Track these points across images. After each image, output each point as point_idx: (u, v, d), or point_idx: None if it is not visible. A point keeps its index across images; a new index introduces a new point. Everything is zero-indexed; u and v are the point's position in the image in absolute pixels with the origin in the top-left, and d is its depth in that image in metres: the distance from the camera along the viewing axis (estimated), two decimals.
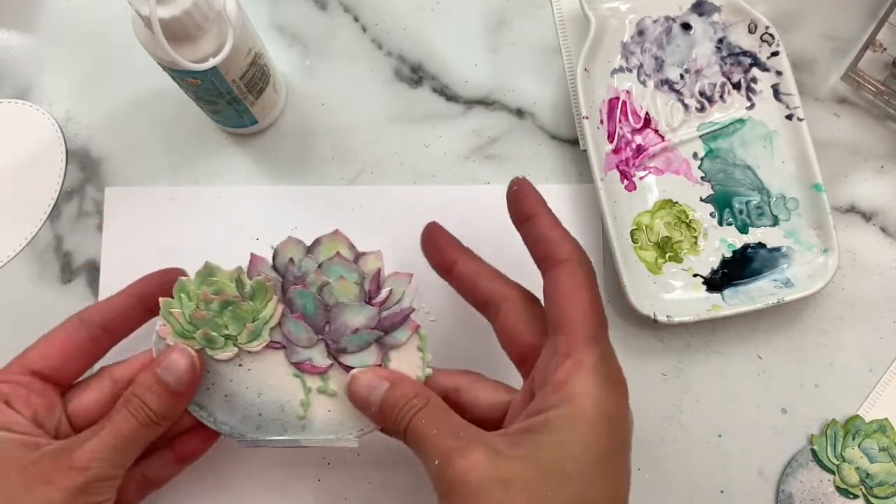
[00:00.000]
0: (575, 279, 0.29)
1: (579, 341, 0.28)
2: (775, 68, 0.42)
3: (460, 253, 0.33)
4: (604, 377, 0.28)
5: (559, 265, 0.30)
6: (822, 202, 0.40)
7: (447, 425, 0.29)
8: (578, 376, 0.27)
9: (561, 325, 0.29)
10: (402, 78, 0.44)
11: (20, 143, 0.42)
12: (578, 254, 0.30)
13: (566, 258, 0.30)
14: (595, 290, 0.30)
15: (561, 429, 0.27)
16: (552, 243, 0.30)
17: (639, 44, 0.42)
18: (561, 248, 0.30)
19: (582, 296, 0.29)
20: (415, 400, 0.29)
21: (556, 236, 0.30)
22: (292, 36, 0.44)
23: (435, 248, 0.34)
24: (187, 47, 0.33)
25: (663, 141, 0.42)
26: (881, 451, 0.39)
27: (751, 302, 0.39)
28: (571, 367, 0.28)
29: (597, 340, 0.29)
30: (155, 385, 0.30)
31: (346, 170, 0.42)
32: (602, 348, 0.29)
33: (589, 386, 0.27)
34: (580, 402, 0.27)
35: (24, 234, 0.41)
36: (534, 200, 0.31)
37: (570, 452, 0.27)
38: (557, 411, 0.27)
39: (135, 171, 0.42)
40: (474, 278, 0.32)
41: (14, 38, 0.44)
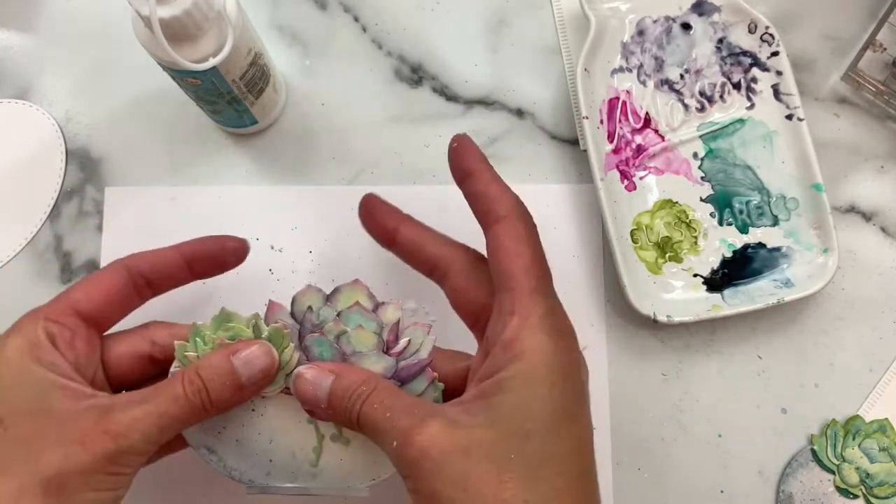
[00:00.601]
0: (515, 234, 0.29)
1: (523, 296, 0.28)
2: (775, 68, 0.42)
3: (401, 220, 0.32)
4: (551, 330, 0.27)
5: (498, 222, 0.29)
6: (822, 202, 0.40)
7: (399, 405, 0.28)
8: (525, 332, 0.27)
9: (504, 282, 0.28)
10: (402, 78, 0.44)
11: (20, 143, 0.42)
12: (518, 209, 0.29)
13: (504, 214, 0.29)
14: (536, 243, 0.29)
15: (514, 388, 0.27)
16: (491, 200, 0.30)
17: (639, 44, 0.42)
18: (499, 204, 0.29)
19: (522, 250, 0.28)
20: (362, 387, 0.28)
21: (495, 192, 0.30)
22: (292, 36, 0.44)
23: (373, 219, 0.33)
24: (187, 47, 0.33)
25: (663, 141, 0.42)
26: (881, 451, 0.39)
27: (751, 302, 0.39)
28: (517, 324, 0.27)
29: (541, 293, 0.28)
30: (226, 375, 0.29)
31: (346, 170, 0.42)
32: (547, 301, 0.28)
33: (537, 341, 0.27)
34: (530, 359, 0.27)
35: (24, 234, 0.41)
36: (473, 157, 0.31)
37: (526, 411, 0.26)
38: (509, 371, 0.27)
39: (135, 171, 0.42)
40: (419, 244, 0.32)
41: (14, 38, 0.44)
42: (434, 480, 0.26)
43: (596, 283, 0.41)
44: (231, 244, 0.33)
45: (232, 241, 0.33)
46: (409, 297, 0.40)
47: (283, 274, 0.40)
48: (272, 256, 0.41)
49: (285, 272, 0.41)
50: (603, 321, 0.40)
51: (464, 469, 0.25)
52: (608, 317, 0.40)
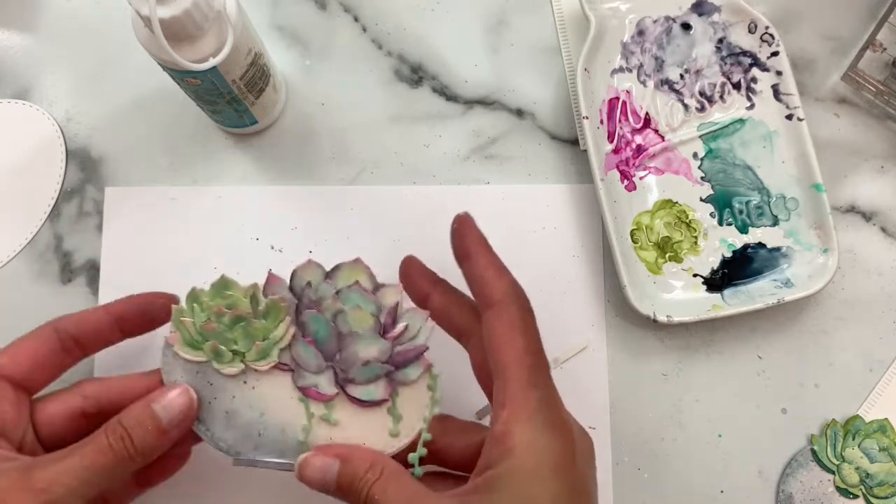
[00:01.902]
0: (507, 321, 0.28)
1: (514, 389, 0.27)
2: (775, 68, 0.42)
3: (434, 286, 0.32)
4: (543, 424, 0.27)
5: (491, 308, 0.29)
6: (822, 202, 0.40)
7: (400, 495, 0.28)
8: (515, 427, 0.27)
9: (497, 372, 0.28)
10: (402, 78, 0.44)
11: (20, 143, 0.42)
12: (512, 293, 0.29)
13: (498, 299, 0.29)
14: (531, 329, 0.29)
15: (505, 487, 0.26)
16: (486, 284, 0.29)
17: (639, 44, 0.42)
18: (493, 289, 0.29)
19: (515, 338, 0.28)
20: (368, 474, 0.28)
21: (490, 276, 0.30)
22: (292, 36, 0.44)
23: (408, 281, 0.33)
24: (187, 47, 0.33)
25: (663, 141, 0.42)
26: (881, 451, 0.39)
27: (751, 302, 0.39)
28: (507, 418, 0.27)
29: (532, 385, 0.28)
30: (147, 420, 0.29)
31: (346, 170, 0.42)
32: (540, 393, 0.28)
33: (527, 436, 0.27)
34: (519, 455, 0.26)
35: (24, 234, 0.41)
36: (472, 239, 0.31)
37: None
38: (500, 467, 0.27)
39: (135, 171, 0.42)
40: (447, 313, 0.32)
41: (14, 38, 0.44)
42: None
43: (596, 283, 0.41)
44: (160, 300, 0.33)
45: (161, 297, 0.33)
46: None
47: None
48: (272, 256, 0.41)
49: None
50: (603, 321, 0.40)
51: None
52: (608, 317, 0.40)
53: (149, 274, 0.40)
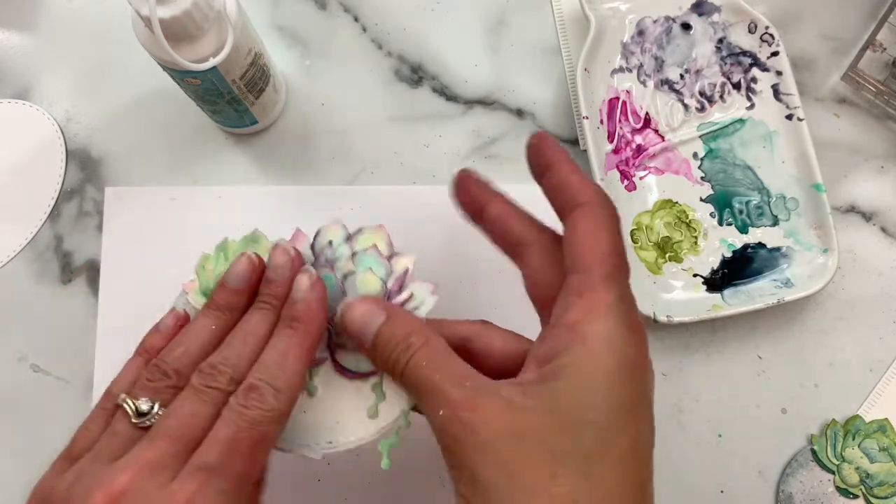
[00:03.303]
0: (594, 221, 0.27)
1: (594, 280, 0.25)
2: (775, 68, 0.42)
3: (492, 196, 0.31)
4: (621, 320, 0.25)
5: (578, 208, 0.27)
6: (822, 202, 0.40)
7: (451, 370, 0.26)
8: (592, 316, 0.25)
9: (576, 265, 0.26)
10: (402, 78, 0.44)
11: (20, 143, 0.42)
12: (601, 197, 0.28)
13: (586, 200, 0.27)
14: (617, 232, 0.27)
15: (576, 375, 0.25)
16: (572, 188, 0.28)
17: (639, 44, 0.42)
18: (581, 192, 0.28)
19: (601, 236, 0.26)
20: (412, 337, 0.26)
21: (576, 181, 0.28)
22: (292, 36, 0.44)
23: (465, 192, 0.32)
24: (187, 47, 0.33)
25: (663, 141, 0.42)
26: (881, 451, 0.39)
27: (751, 302, 0.39)
28: (585, 307, 0.25)
29: (615, 280, 0.26)
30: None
31: (346, 170, 0.42)
32: (620, 290, 0.26)
33: (604, 327, 0.25)
34: (594, 345, 0.25)
35: (24, 234, 0.41)
36: (555, 150, 0.29)
37: (587, 401, 0.24)
38: (571, 355, 0.25)
39: (135, 171, 0.42)
40: (505, 220, 0.30)
41: (14, 38, 0.44)
42: (479, 462, 0.24)
43: None
44: None
45: None
46: None
47: None
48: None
49: None
50: None
51: (514, 456, 0.24)
52: None
53: (149, 274, 0.40)
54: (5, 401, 0.40)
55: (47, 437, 0.39)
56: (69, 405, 0.39)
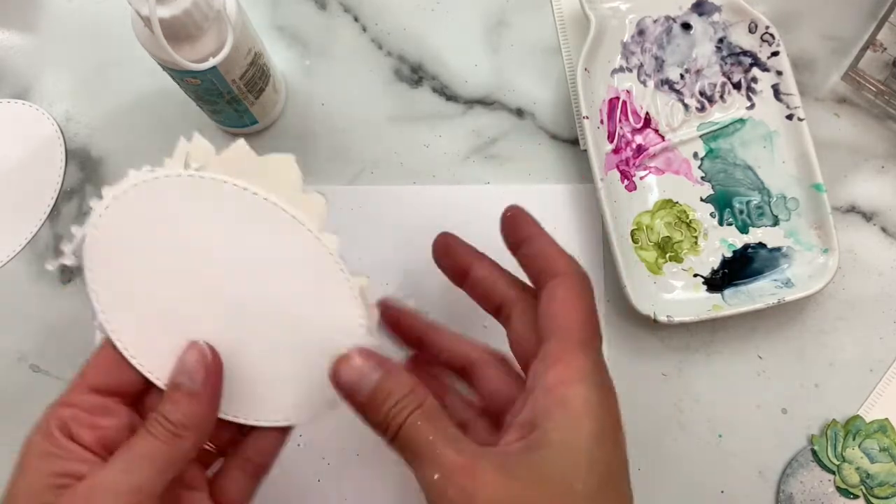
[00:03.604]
0: (571, 290, 0.28)
1: (572, 346, 0.27)
2: (775, 68, 0.42)
3: (475, 259, 0.32)
4: (597, 384, 0.27)
5: (555, 278, 0.29)
6: (823, 202, 0.40)
7: (444, 433, 0.26)
8: (570, 381, 0.26)
9: (553, 332, 0.28)
10: (402, 78, 0.44)
11: (20, 143, 0.42)
12: (576, 268, 0.29)
13: (563, 271, 0.29)
14: (592, 303, 0.29)
15: (561, 443, 0.26)
16: (550, 258, 0.29)
17: (639, 44, 0.42)
18: (558, 263, 0.29)
19: (578, 305, 0.28)
20: (409, 397, 0.26)
21: (554, 252, 0.30)
22: (292, 36, 0.44)
23: (447, 256, 0.33)
24: (187, 47, 0.33)
25: (663, 141, 0.42)
26: (881, 452, 0.39)
27: (751, 302, 0.39)
28: (562, 372, 0.26)
29: (590, 347, 0.27)
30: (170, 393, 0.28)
31: (346, 170, 0.42)
32: (595, 356, 0.27)
33: (583, 391, 0.26)
34: (575, 410, 0.26)
35: (24, 234, 0.41)
36: (531, 224, 0.31)
37: (574, 470, 0.25)
38: (553, 421, 0.26)
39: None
40: (488, 284, 0.31)
41: (14, 38, 0.44)
42: None
43: (596, 282, 0.41)
44: None
45: None
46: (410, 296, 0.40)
47: None
48: None
49: None
50: (603, 321, 0.40)
51: None
52: (608, 317, 0.40)
53: None
54: (5, 401, 0.40)
55: None
56: None
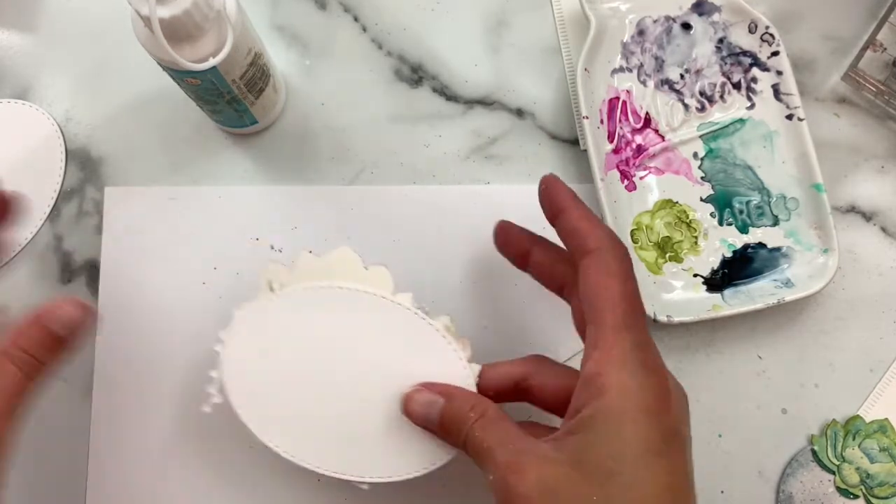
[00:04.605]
0: (602, 267, 0.29)
1: (606, 331, 0.27)
2: (775, 68, 0.42)
3: (534, 242, 0.33)
4: (635, 366, 0.27)
5: (587, 256, 0.29)
6: (823, 202, 0.40)
7: (499, 437, 0.28)
8: (607, 368, 0.27)
9: (591, 316, 0.28)
10: (402, 78, 0.44)
11: (20, 143, 0.42)
12: (608, 241, 0.29)
13: (594, 247, 0.29)
14: (627, 276, 0.29)
15: (596, 426, 0.26)
16: (581, 235, 0.30)
17: (639, 44, 0.42)
18: (589, 239, 0.29)
19: (610, 284, 0.28)
20: (471, 413, 0.30)
21: (585, 227, 0.30)
22: (292, 36, 0.44)
23: (508, 243, 0.34)
24: (187, 47, 0.33)
25: (663, 141, 0.42)
26: (881, 452, 0.39)
27: (751, 302, 0.39)
28: (599, 359, 0.27)
29: (627, 328, 0.28)
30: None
31: (346, 170, 0.42)
32: (633, 336, 0.28)
33: (618, 377, 0.27)
34: (610, 396, 0.26)
35: (24, 233, 0.41)
36: (563, 195, 0.31)
37: (610, 451, 0.26)
38: (591, 408, 0.27)
39: (135, 171, 0.42)
40: (546, 267, 0.32)
41: (14, 38, 0.44)
42: None
43: None
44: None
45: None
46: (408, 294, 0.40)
47: None
48: (272, 256, 0.41)
49: None
50: None
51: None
52: None
53: (148, 274, 0.40)
54: None
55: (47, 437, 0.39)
56: (69, 405, 0.39)
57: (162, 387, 0.39)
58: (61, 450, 0.39)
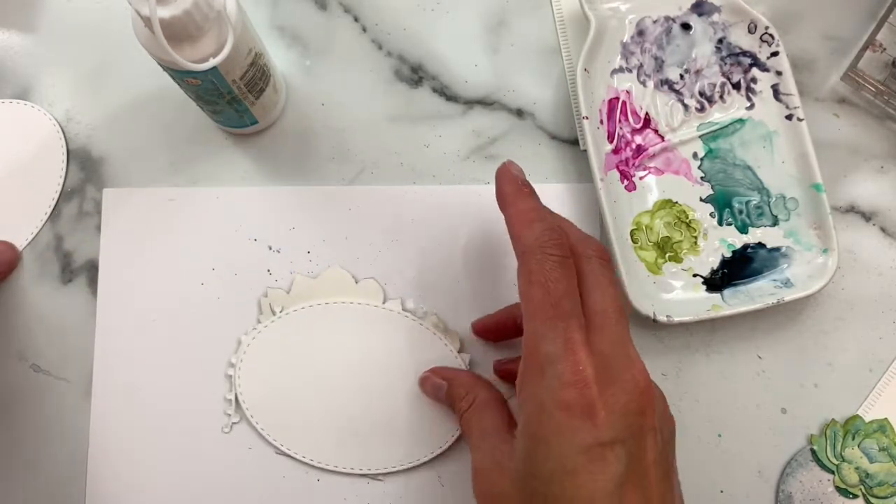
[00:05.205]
0: (525, 276, 0.28)
1: (526, 342, 0.28)
2: (775, 68, 0.42)
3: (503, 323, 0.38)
4: (551, 380, 0.27)
5: (518, 262, 0.29)
6: (822, 202, 0.40)
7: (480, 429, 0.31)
8: (526, 380, 0.28)
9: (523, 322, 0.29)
10: (402, 78, 0.44)
11: (21, 143, 0.42)
12: (530, 246, 0.29)
13: (520, 253, 0.29)
14: (549, 280, 0.27)
15: (525, 440, 0.27)
16: (513, 239, 0.30)
17: (639, 44, 0.42)
18: (517, 243, 0.30)
19: (532, 293, 0.28)
20: (462, 402, 0.34)
21: (516, 231, 0.30)
22: (292, 36, 0.44)
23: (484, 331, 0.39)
24: (187, 47, 0.33)
25: (663, 141, 0.42)
26: (881, 451, 0.39)
27: (751, 302, 0.39)
28: (523, 371, 0.28)
29: (542, 338, 0.27)
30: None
31: (346, 170, 0.42)
32: (549, 347, 0.27)
33: (535, 391, 0.27)
34: (528, 412, 0.27)
35: (24, 234, 0.41)
36: (506, 190, 0.32)
37: (531, 468, 0.27)
38: (520, 419, 0.28)
39: (135, 171, 0.42)
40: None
41: (14, 38, 0.44)
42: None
43: None
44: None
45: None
46: (408, 297, 0.40)
47: (281, 274, 0.41)
48: (270, 257, 0.41)
49: (283, 272, 0.41)
50: None
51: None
52: None
53: (148, 274, 0.40)
54: (5, 401, 0.40)
55: (47, 436, 0.39)
56: (69, 405, 0.39)
57: (162, 387, 0.39)
58: (61, 450, 0.39)
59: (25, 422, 0.40)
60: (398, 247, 0.41)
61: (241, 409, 0.38)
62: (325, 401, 0.39)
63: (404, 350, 0.39)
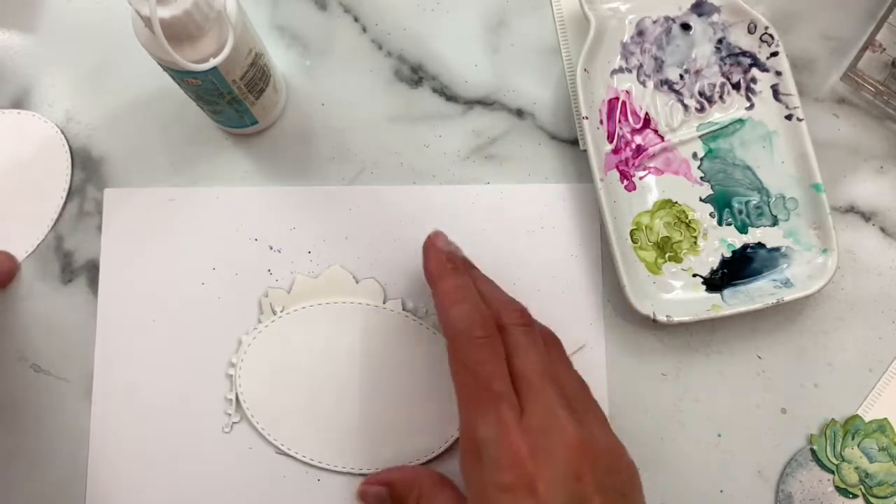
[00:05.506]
0: (450, 356, 0.31)
1: (463, 425, 0.30)
2: (775, 68, 0.42)
3: None
4: (467, 460, 0.29)
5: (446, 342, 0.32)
6: (822, 202, 0.40)
7: None
8: (461, 455, 0.30)
9: None
10: (402, 78, 0.44)
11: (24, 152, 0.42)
12: (449, 328, 0.31)
13: (447, 336, 0.32)
14: (460, 361, 0.31)
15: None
16: (440, 319, 0.33)
17: (638, 44, 0.42)
18: (443, 327, 0.32)
19: (456, 371, 0.31)
20: (409, 500, 0.34)
21: (440, 314, 0.32)
22: (292, 36, 0.44)
23: None
24: (187, 47, 0.33)
25: (663, 141, 0.42)
26: (880, 451, 0.39)
27: (750, 302, 0.39)
28: (461, 451, 0.30)
29: (462, 417, 0.30)
30: None
31: (346, 170, 0.42)
32: (461, 423, 0.30)
33: (463, 465, 0.30)
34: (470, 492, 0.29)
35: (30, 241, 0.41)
36: (431, 269, 0.34)
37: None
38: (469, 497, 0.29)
39: (135, 171, 0.42)
40: None
41: (14, 38, 0.44)
42: None
43: (595, 282, 0.41)
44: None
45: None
46: (408, 297, 0.40)
47: (281, 274, 0.41)
48: (271, 257, 0.41)
49: (284, 272, 0.41)
50: (602, 321, 0.40)
51: None
52: (607, 317, 0.40)
53: (148, 274, 0.40)
54: (5, 401, 0.40)
55: (47, 437, 0.39)
56: (69, 405, 0.39)
57: (162, 386, 0.39)
58: (61, 450, 0.39)
59: (26, 422, 0.40)
60: (399, 246, 0.41)
61: (242, 408, 0.38)
62: (326, 401, 0.38)
63: (405, 350, 0.39)
